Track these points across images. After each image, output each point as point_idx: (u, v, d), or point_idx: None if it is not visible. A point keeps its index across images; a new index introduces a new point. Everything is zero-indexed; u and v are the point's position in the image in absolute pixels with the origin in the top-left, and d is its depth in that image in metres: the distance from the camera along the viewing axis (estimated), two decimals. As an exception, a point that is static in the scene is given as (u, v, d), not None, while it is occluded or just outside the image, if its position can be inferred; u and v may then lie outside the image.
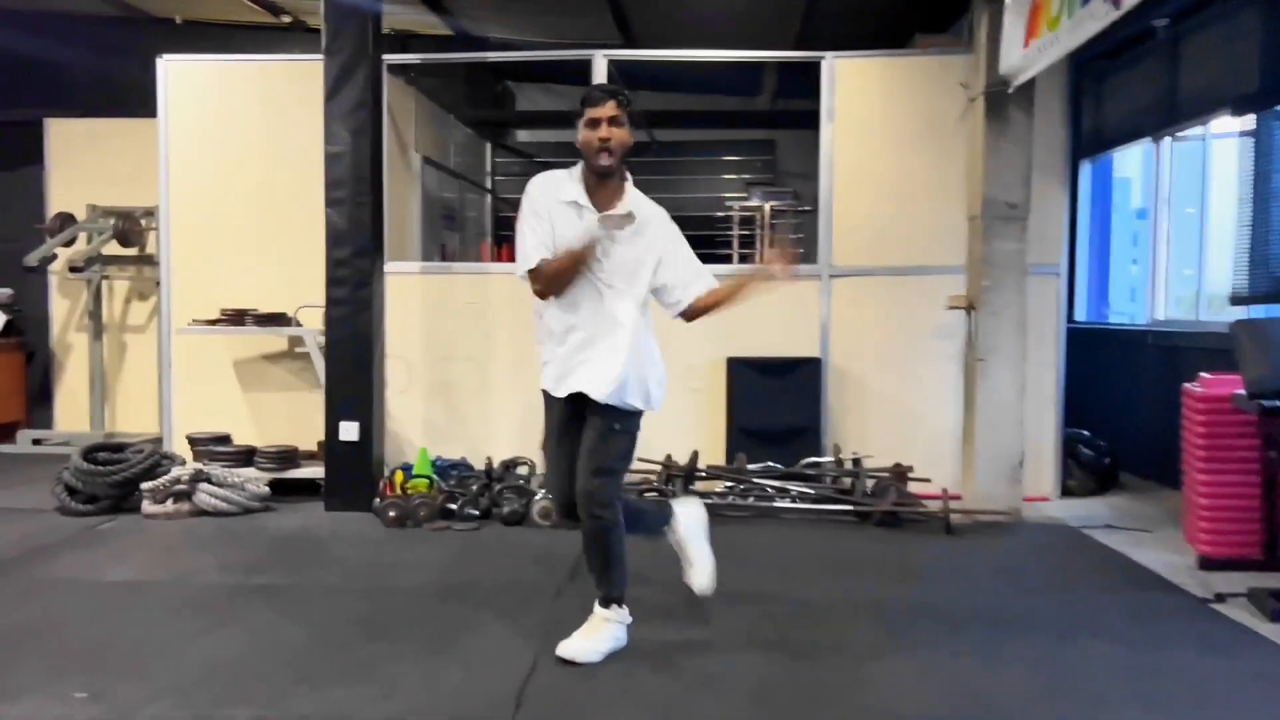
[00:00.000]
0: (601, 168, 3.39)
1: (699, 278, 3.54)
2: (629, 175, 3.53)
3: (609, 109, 3.36)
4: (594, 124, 3.37)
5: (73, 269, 7.95)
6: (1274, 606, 3.91)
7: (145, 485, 5.58)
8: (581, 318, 3.44)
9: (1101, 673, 3.34)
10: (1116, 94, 7.77)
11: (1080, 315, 8.25)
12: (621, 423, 3.43)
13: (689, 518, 3.79)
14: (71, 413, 8.44)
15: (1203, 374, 4.94)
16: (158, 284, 8.11)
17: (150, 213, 8.04)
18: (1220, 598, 4.16)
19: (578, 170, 3.49)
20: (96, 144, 8.26)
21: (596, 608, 3.51)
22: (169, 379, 6.60)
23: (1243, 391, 4.39)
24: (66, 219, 8.11)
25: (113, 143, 8.25)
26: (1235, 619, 3.93)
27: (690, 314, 3.59)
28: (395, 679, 3.23)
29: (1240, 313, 6.00)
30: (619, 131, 3.37)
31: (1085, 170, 8.26)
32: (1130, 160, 8.18)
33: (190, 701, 3.03)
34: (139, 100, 7.95)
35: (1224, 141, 6.54)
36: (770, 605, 4.05)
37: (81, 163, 8.38)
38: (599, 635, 3.45)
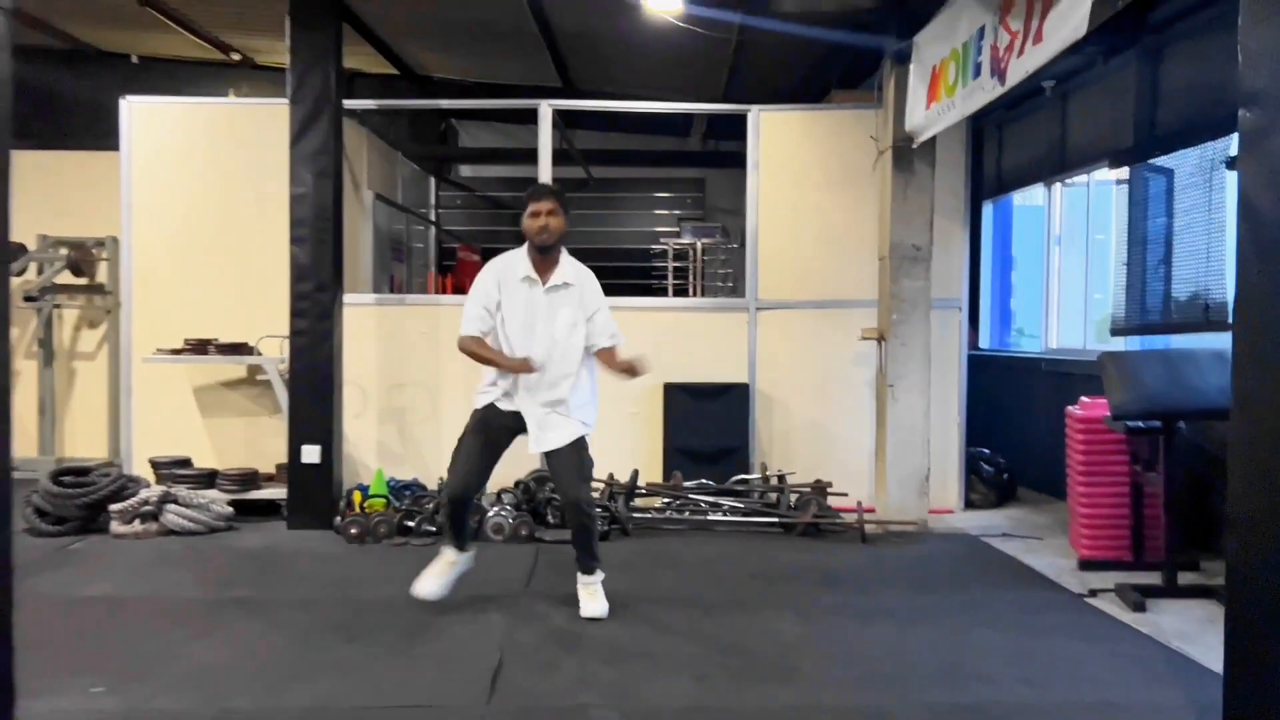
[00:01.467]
0: (542, 246, 4.31)
1: (605, 336, 4.41)
2: (563, 249, 4.41)
3: (548, 205, 4.29)
4: (536, 215, 4.29)
5: (26, 298, 8.13)
6: (1135, 599, 4.55)
7: (114, 506, 5.86)
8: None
9: (990, 656, 3.91)
10: (1015, 141, 8.55)
11: (985, 343, 8.98)
12: (582, 446, 4.41)
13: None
14: (20, 439, 8.57)
15: (1083, 398, 5.61)
16: (108, 312, 8.40)
17: (101, 243, 8.29)
18: (1093, 593, 4.79)
19: (524, 249, 4.40)
20: (47, 176, 8.45)
21: (590, 578, 4.42)
22: (129, 405, 6.86)
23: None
24: (18, 249, 8.28)
25: (63, 175, 8.47)
26: (1105, 610, 4.55)
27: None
28: (376, 674, 3.65)
29: (1120, 342, 6.73)
30: (555, 220, 4.29)
31: (988, 210, 9.02)
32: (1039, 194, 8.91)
33: (195, 695, 3.41)
34: (90, 133, 8.25)
35: (1105, 187, 7.31)
36: (706, 606, 4.55)
37: (32, 194, 8.53)
38: (601, 594, 4.40)
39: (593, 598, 4.40)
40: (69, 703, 3.31)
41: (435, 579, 4.49)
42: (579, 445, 4.36)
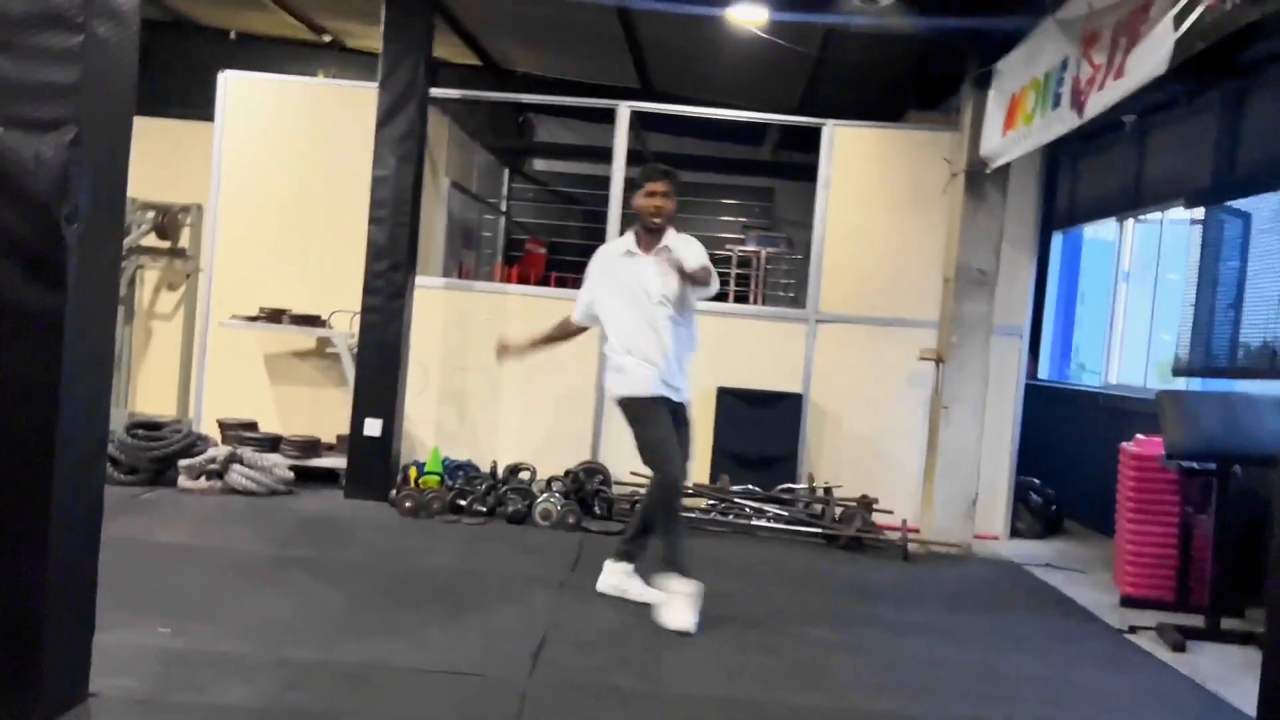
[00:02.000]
0: (653, 226, 4.48)
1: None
2: (670, 230, 4.54)
3: (663, 186, 4.46)
4: (652, 194, 4.46)
5: (113, 256, 8.45)
6: (1175, 638, 4.55)
7: (183, 462, 6.13)
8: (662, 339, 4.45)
9: (1020, 678, 3.96)
10: (1089, 174, 8.50)
11: (1044, 373, 8.94)
12: None
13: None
14: (95, 390, 8.91)
15: (1139, 435, 5.60)
16: (188, 276, 8.71)
17: (187, 210, 8.61)
18: (1133, 629, 4.79)
19: (631, 231, 4.61)
20: (141, 142, 8.69)
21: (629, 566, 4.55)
22: (202, 366, 7.15)
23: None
24: (110, 209, 8.62)
25: (157, 141, 8.72)
26: (1143, 646, 4.56)
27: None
28: (425, 638, 3.81)
29: (1179, 383, 6.68)
30: (668, 203, 4.47)
31: (1057, 240, 8.97)
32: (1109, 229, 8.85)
33: (257, 642, 3.59)
34: (185, 102, 8.56)
35: (1178, 226, 7.25)
36: (744, 607, 4.64)
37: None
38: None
39: (638, 583, 4.51)
40: (138, 638, 3.51)
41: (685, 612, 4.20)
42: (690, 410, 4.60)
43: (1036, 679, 3.96)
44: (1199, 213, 6.64)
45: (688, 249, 4.44)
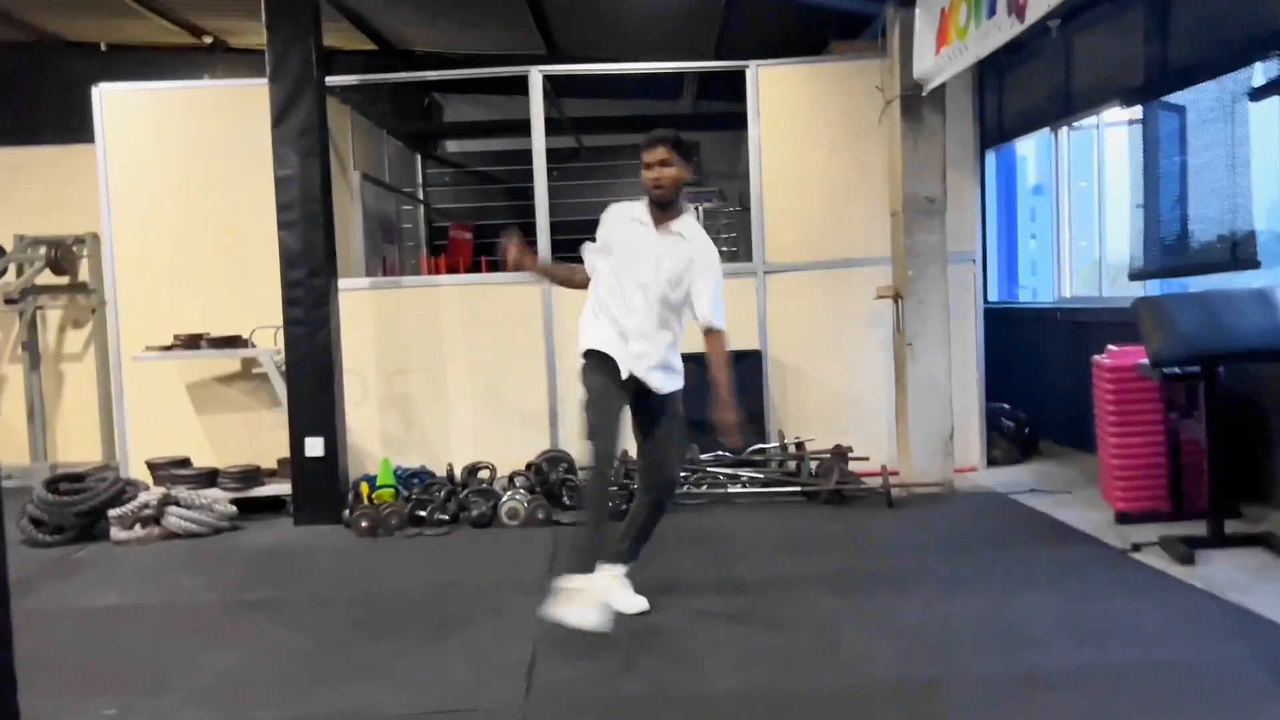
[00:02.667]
0: (657, 199, 3.89)
1: (706, 308, 3.91)
2: (687, 206, 4.04)
3: (659, 154, 3.84)
4: (649, 166, 3.87)
5: (7, 300, 7.86)
6: (1182, 551, 4.39)
7: (113, 512, 5.65)
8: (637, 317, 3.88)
9: (1039, 619, 3.75)
10: (1016, 88, 8.31)
11: (992, 295, 8.80)
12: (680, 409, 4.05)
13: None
14: (9, 445, 8.32)
15: (1110, 346, 5.43)
16: (93, 311, 8.13)
17: (81, 240, 8.01)
18: (1136, 547, 4.62)
19: (644, 201, 3.97)
20: (20, 174, 8.15)
21: (625, 567, 4.00)
22: (121, 406, 6.64)
23: (1145, 361, 4.88)
24: (-4, 250, 8.02)
25: (37, 171, 8.17)
26: (1151, 564, 4.39)
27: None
28: (405, 674, 3.46)
29: (1139, 288, 6.55)
30: (669, 171, 3.85)
31: (990, 159, 8.80)
32: (1025, 142, 8.73)
33: (217, 707, 3.22)
34: (64, 127, 7.93)
35: (1115, 129, 7.10)
36: (738, 583, 4.38)
37: (5, 193, 8.25)
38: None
39: (629, 591, 3.99)
40: (81, 725, 3.13)
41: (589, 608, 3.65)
42: (678, 404, 3.97)
43: (1057, 617, 3.75)
44: (1135, 113, 6.49)
45: (702, 250, 3.91)
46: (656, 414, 3.97)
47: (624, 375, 3.85)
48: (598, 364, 3.90)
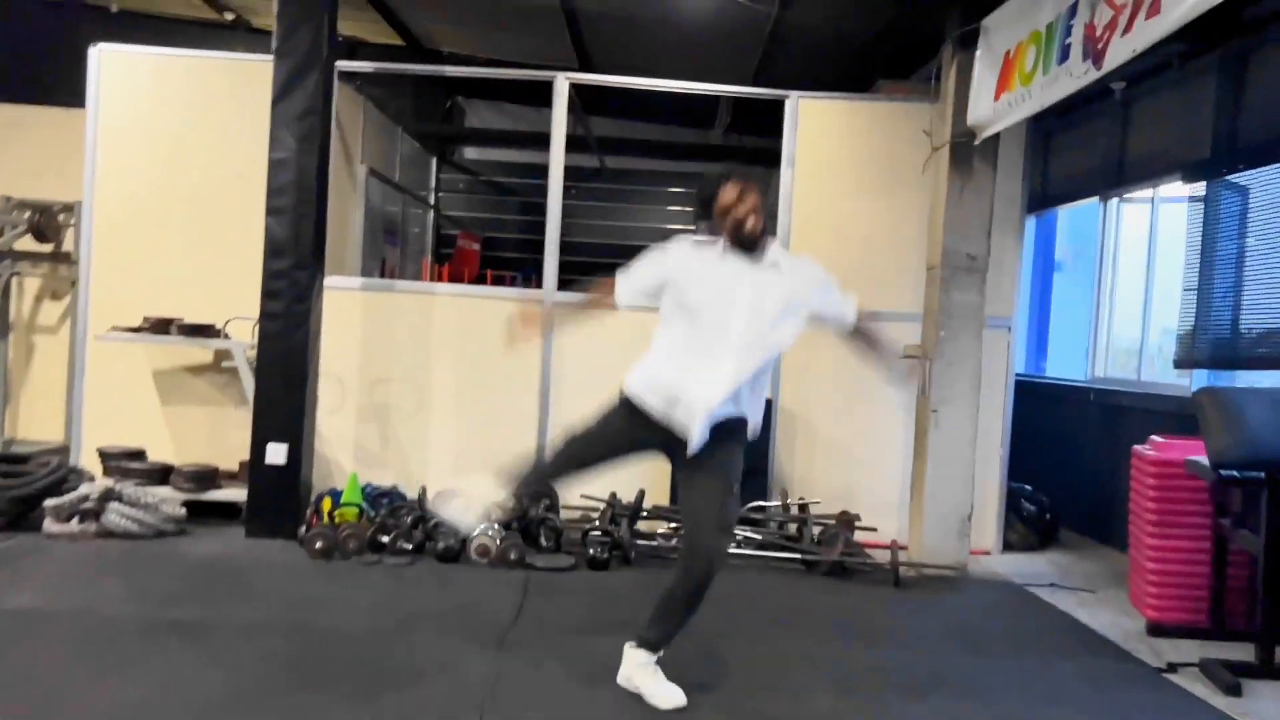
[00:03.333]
0: (748, 243, 3.42)
1: (843, 310, 3.72)
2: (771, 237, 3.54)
3: (752, 201, 3.38)
4: (737, 209, 3.37)
5: (-18, 262, 7.43)
6: (1227, 680, 3.87)
7: (49, 502, 5.17)
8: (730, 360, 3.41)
9: (1069, 747, 3.24)
10: (1065, 151, 7.88)
11: (1019, 367, 8.31)
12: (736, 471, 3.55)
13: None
14: (-34, 415, 7.87)
15: (1154, 437, 4.94)
16: (73, 284, 7.67)
17: (70, 208, 7.58)
18: (1173, 667, 4.11)
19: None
20: (17, 132, 7.76)
21: (655, 655, 3.48)
22: (80, 386, 6.18)
23: (1199, 458, 4.39)
24: (-23, 209, 7.59)
25: (35, 132, 7.76)
26: (1189, 689, 3.87)
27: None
28: (326, 736, 2.96)
29: (1177, 375, 6.07)
30: (761, 211, 3.41)
31: (1029, 223, 8.34)
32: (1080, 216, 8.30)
33: (95, 758, 2.72)
34: (68, 89, 7.51)
35: (1171, 205, 6.66)
36: (723, 660, 3.87)
37: (1, 152, 7.86)
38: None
39: (657, 679, 3.43)
40: (-69, 761, 2.63)
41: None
42: (728, 464, 3.42)
43: (1089, 747, 3.24)
44: (1196, 188, 6.05)
45: (808, 269, 3.60)
46: (693, 470, 3.40)
47: (664, 424, 3.37)
48: (628, 412, 3.46)
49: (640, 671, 3.45)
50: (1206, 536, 4.59)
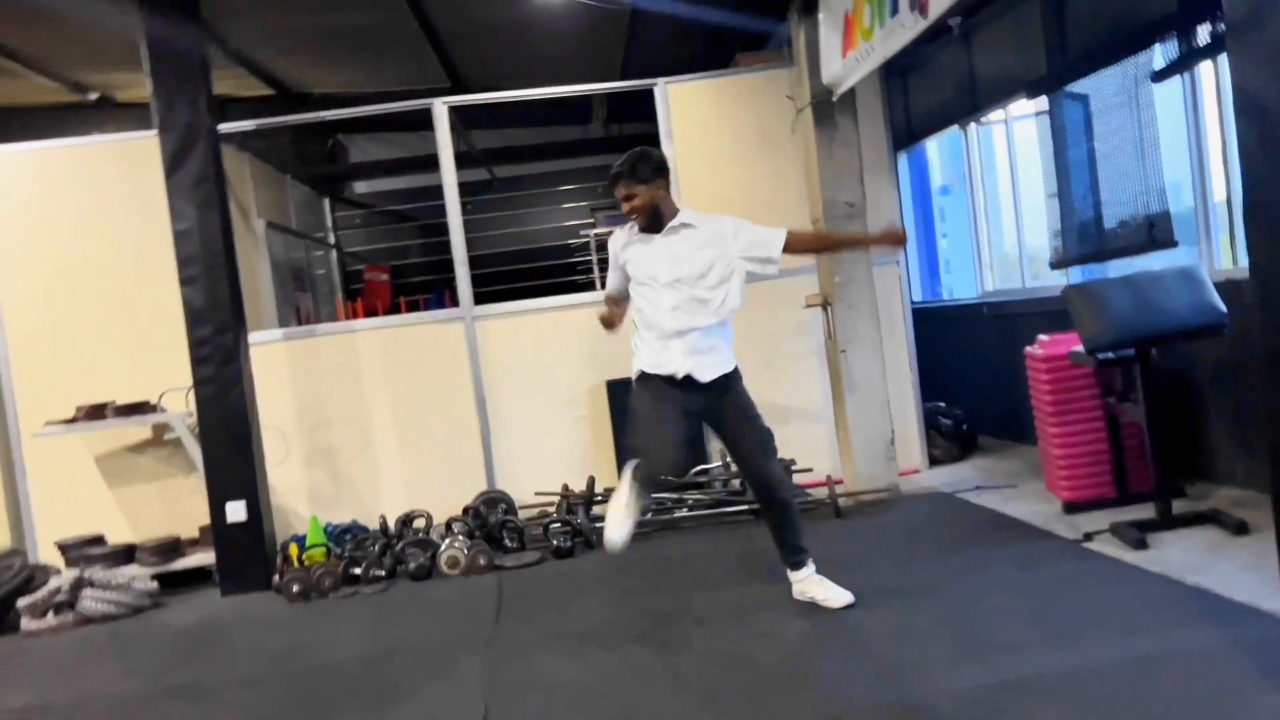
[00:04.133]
0: (640, 225, 4.08)
1: (770, 243, 4.05)
2: (677, 208, 4.10)
3: (620, 191, 4.04)
4: (622, 201, 4.06)
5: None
6: (1135, 536, 4.35)
7: (22, 602, 5.26)
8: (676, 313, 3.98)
9: (1008, 622, 3.65)
10: (922, 89, 8.38)
11: (918, 295, 8.83)
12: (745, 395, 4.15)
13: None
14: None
15: (1040, 336, 5.42)
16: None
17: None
18: (1089, 536, 4.58)
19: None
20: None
21: (802, 573, 4.17)
22: (24, 487, 6.23)
23: (1079, 348, 4.86)
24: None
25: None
26: (1105, 553, 4.34)
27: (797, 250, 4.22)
28: (349, 753, 3.21)
29: (1060, 277, 6.59)
30: (635, 202, 4.00)
31: (902, 161, 8.85)
32: (931, 143, 8.81)
33: (142, 816, 2.93)
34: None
35: (1022, 122, 7.18)
36: (696, 614, 4.20)
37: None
38: (827, 581, 4.13)
39: (823, 586, 4.10)
40: None
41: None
42: (740, 393, 4.07)
43: (1024, 618, 3.66)
44: (1041, 104, 6.55)
45: (721, 223, 4.03)
46: (721, 412, 4.06)
47: (678, 376, 3.93)
48: (643, 385, 4.02)
49: (808, 584, 4.14)
50: (1100, 417, 5.09)
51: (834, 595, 4.06)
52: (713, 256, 3.97)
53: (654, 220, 4.02)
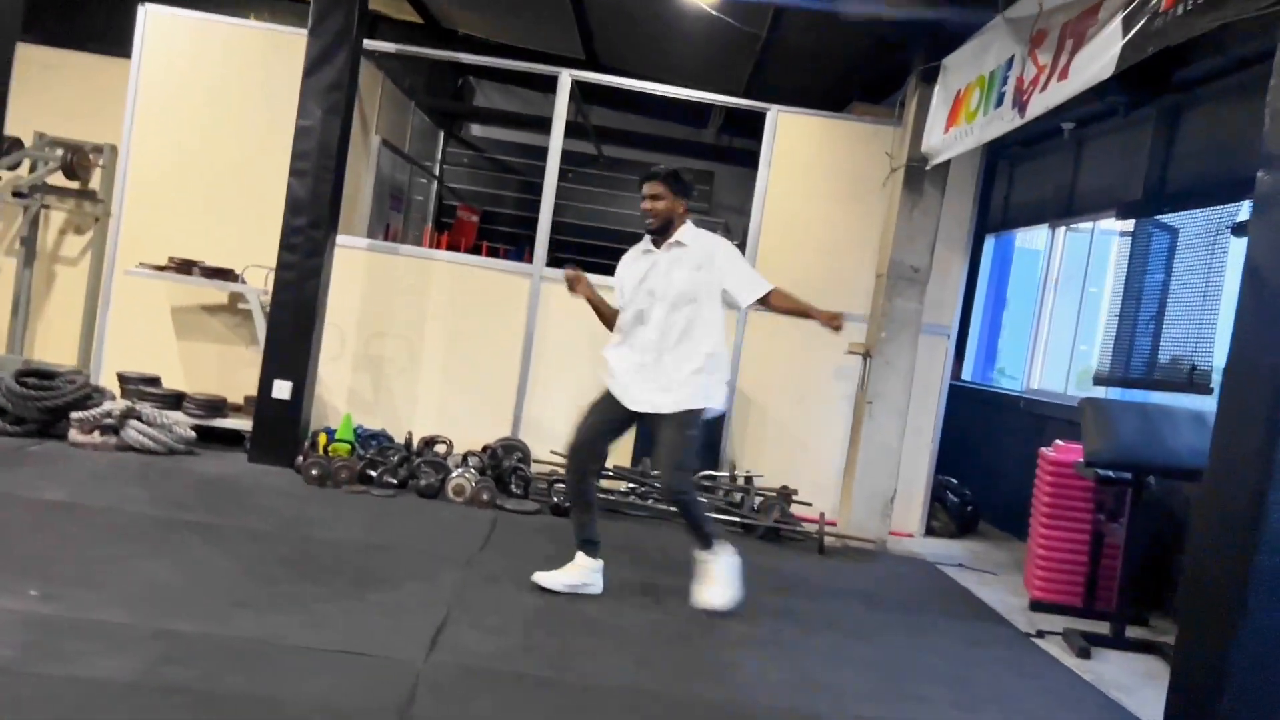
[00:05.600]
0: (648, 228, 4.41)
1: (749, 288, 4.41)
2: (686, 220, 4.44)
3: (651, 189, 4.35)
4: (644, 199, 4.37)
5: (15, 194, 7.99)
6: (1080, 645, 4.57)
7: (75, 415, 5.79)
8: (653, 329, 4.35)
9: (928, 679, 3.92)
10: (1023, 180, 8.56)
11: (968, 374, 9.01)
12: (687, 422, 4.30)
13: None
14: (-11, 333, 8.44)
15: (1058, 441, 5.63)
16: (96, 220, 8.27)
17: (100, 149, 8.15)
18: (1040, 634, 4.81)
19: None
20: (55, 75, 8.28)
21: (705, 554, 4.38)
22: (104, 315, 6.78)
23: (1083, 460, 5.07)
24: (14, 143, 8.13)
25: (71, 75, 8.31)
26: (1049, 652, 4.57)
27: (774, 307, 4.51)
28: (321, 614, 3.61)
29: (1100, 391, 6.76)
30: (659, 205, 4.34)
31: (988, 243, 9.03)
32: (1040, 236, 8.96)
33: (137, 611, 3.36)
34: (104, 38, 8.10)
35: (1107, 237, 7.34)
36: (658, 594, 4.54)
37: (36, 91, 8.38)
38: (719, 576, 4.35)
39: (707, 580, 4.35)
40: (3, 601, 3.26)
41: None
42: (682, 421, 4.25)
43: (945, 680, 3.93)
44: (1128, 225, 6.72)
45: (719, 249, 4.37)
46: (657, 432, 4.34)
47: (627, 404, 4.30)
48: (604, 395, 4.40)
49: (702, 571, 4.39)
50: (1088, 529, 5.29)
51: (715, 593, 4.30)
52: (698, 275, 4.29)
53: (663, 229, 4.35)
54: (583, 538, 4.36)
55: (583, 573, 4.33)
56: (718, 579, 4.34)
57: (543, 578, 4.28)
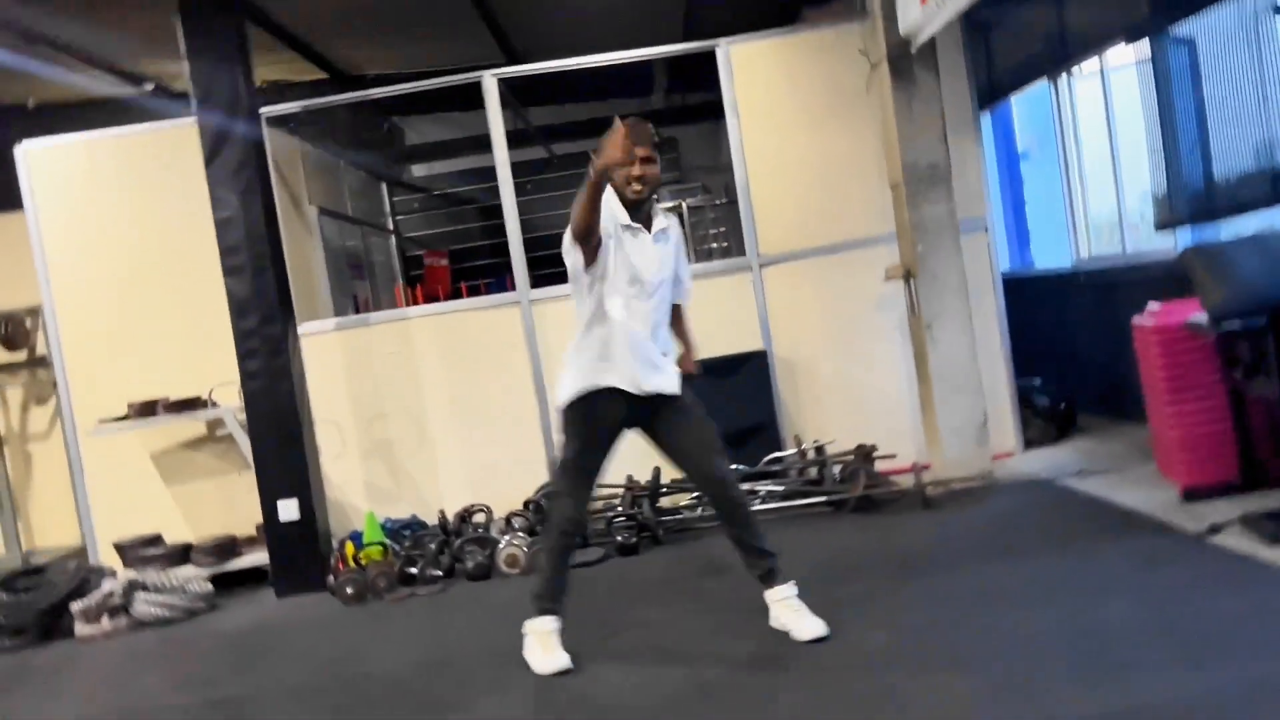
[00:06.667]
0: (635, 199, 3.57)
1: (686, 291, 3.92)
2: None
3: (645, 150, 3.48)
4: (631, 162, 3.44)
5: (-41, 384, 7.36)
6: (1272, 530, 3.83)
7: (75, 606, 5.14)
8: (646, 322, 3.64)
9: (1131, 634, 3.17)
10: (1006, 39, 7.78)
11: (1003, 265, 8.25)
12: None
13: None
14: (-20, 537, 7.82)
15: (1150, 305, 4.90)
16: (54, 385, 7.61)
17: (34, 312, 7.50)
18: (1215, 529, 4.07)
19: (610, 194, 3.51)
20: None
21: (778, 590, 3.66)
22: (82, 485, 6.14)
23: (1198, 318, 4.34)
24: (-62, 332, 7.51)
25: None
26: (1235, 549, 3.83)
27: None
28: (390, 781, 2.93)
29: (1162, 240, 6.02)
30: (653, 169, 3.54)
31: (985, 121, 8.26)
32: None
33: None
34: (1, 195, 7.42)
35: (1121, 73, 6.57)
36: (773, 634, 3.81)
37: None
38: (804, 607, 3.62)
39: (789, 610, 3.60)
40: None
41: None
42: (690, 397, 3.71)
43: (1151, 630, 3.19)
44: (1142, 49, 5.96)
45: (680, 238, 3.85)
46: (673, 420, 3.68)
47: (638, 392, 3.57)
48: (585, 409, 3.61)
49: (781, 610, 3.64)
50: (1222, 392, 4.55)
51: (804, 625, 3.56)
52: (674, 264, 3.75)
53: (644, 204, 3.61)
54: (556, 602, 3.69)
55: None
56: (799, 605, 3.63)
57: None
